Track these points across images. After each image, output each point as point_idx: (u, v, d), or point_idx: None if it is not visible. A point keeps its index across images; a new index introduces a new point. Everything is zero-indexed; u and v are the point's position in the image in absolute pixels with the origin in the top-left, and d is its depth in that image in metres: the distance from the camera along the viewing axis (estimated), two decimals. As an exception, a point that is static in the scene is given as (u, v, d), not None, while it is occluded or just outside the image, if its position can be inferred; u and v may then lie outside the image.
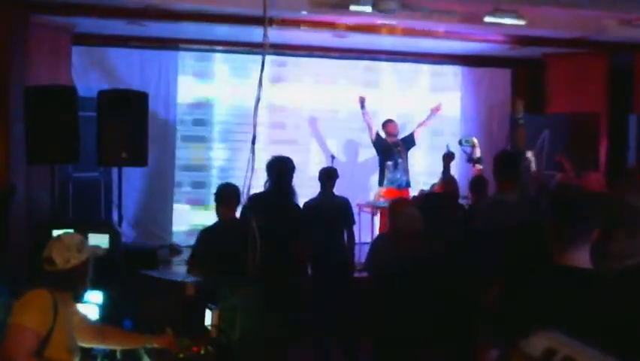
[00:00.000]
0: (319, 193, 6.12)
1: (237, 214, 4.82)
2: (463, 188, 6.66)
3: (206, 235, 4.94)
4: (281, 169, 5.28)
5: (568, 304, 2.13)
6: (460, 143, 8.28)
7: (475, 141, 8.22)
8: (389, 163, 8.10)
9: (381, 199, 7.89)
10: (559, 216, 2.33)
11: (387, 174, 8.09)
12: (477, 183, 6.29)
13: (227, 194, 4.84)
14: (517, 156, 5.42)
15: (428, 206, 5.14)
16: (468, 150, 8.20)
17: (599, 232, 2.31)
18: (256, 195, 4.83)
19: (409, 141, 8.47)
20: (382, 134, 8.36)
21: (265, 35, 3.09)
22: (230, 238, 4.56)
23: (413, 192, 8.04)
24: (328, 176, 6.15)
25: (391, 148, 8.22)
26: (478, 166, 8.03)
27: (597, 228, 2.31)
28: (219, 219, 4.92)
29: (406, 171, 8.23)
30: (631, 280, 2.43)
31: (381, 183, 8.24)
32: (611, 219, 2.49)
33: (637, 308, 2.14)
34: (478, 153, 8.13)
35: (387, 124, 8.41)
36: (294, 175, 5.44)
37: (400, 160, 8.14)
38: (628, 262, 2.48)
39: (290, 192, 5.33)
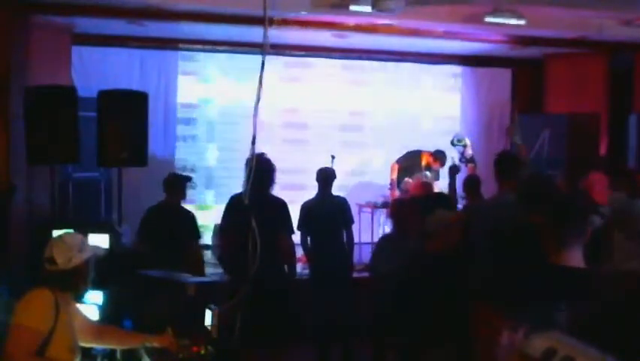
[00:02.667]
0: (317, 194, 6.12)
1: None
2: (458, 188, 6.69)
3: (148, 214, 5.86)
4: (262, 166, 5.19)
5: (563, 303, 2.14)
6: (453, 143, 8.25)
7: (467, 140, 8.21)
8: (408, 179, 7.99)
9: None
10: (553, 217, 2.35)
11: (402, 189, 8.04)
12: (470, 183, 6.32)
13: (171, 182, 5.85)
14: (517, 158, 5.44)
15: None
16: (460, 149, 8.20)
17: (597, 232, 2.32)
18: (238, 194, 4.88)
19: (438, 175, 8.30)
20: (423, 159, 8.20)
21: (265, 35, 3.09)
22: (169, 221, 5.62)
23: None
24: (326, 176, 6.15)
25: (419, 168, 8.11)
26: (472, 165, 8.04)
27: (590, 228, 2.32)
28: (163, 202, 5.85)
29: None
30: (630, 281, 2.44)
31: (398, 186, 8.19)
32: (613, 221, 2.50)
33: (634, 308, 2.15)
34: (469, 152, 8.14)
35: (436, 158, 8.14)
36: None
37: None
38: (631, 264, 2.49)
39: (269, 188, 5.29)
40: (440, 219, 4.17)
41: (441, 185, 7.89)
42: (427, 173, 8.10)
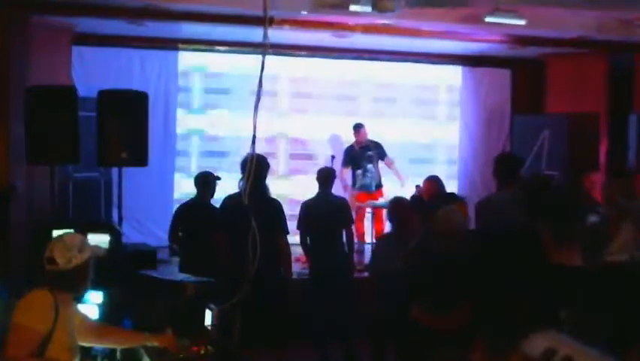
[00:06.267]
0: (317, 193, 6.12)
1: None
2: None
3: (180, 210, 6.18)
4: (258, 167, 5.20)
5: (565, 302, 2.14)
6: None
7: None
8: (358, 172, 8.26)
9: (356, 202, 8.09)
10: (553, 216, 2.35)
11: (358, 181, 8.25)
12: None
13: (202, 180, 6.02)
14: (517, 159, 5.44)
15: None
16: None
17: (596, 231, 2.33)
18: (234, 195, 4.91)
19: (382, 152, 8.49)
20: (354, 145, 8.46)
21: (265, 35, 3.09)
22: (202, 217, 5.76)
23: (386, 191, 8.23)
24: (326, 176, 6.16)
25: (359, 157, 8.33)
26: None
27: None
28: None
29: (376, 175, 8.34)
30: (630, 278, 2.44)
31: (354, 186, 8.35)
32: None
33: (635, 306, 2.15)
34: None
35: (357, 130, 8.47)
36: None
37: (369, 166, 8.25)
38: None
39: (265, 189, 5.29)
40: (450, 218, 4.11)
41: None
42: (370, 152, 8.22)
